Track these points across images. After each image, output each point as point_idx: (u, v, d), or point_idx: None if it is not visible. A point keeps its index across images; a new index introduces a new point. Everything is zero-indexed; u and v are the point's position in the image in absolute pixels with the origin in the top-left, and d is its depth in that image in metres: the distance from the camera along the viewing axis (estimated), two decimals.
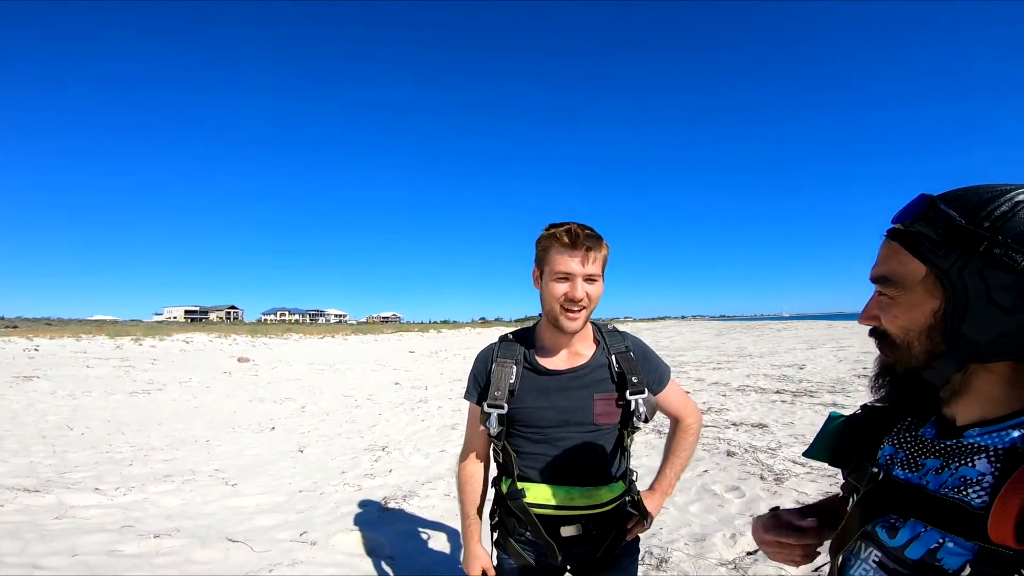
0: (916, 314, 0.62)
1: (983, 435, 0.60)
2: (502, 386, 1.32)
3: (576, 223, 1.28)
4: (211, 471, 4.57)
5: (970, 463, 0.59)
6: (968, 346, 0.59)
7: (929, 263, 0.60)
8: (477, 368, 1.43)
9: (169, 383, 10.46)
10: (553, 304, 1.28)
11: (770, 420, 6.06)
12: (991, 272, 0.56)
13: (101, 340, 21.09)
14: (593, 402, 1.33)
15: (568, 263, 1.25)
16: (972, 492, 0.57)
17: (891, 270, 0.64)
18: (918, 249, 0.61)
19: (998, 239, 0.56)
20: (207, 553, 2.91)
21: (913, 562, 0.60)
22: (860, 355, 13.48)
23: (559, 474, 1.33)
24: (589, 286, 1.27)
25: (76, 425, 6.32)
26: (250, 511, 3.62)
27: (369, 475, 4.46)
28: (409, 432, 6.19)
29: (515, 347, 1.39)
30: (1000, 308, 0.56)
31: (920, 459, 0.66)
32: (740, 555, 2.82)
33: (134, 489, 3.96)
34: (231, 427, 6.53)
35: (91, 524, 3.27)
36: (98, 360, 14.38)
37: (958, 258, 0.58)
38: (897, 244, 0.64)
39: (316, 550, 2.99)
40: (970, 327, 0.58)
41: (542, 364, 1.36)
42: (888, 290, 0.65)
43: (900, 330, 0.65)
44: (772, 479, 3.97)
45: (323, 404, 8.34)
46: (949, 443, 0.63)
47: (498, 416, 1.32)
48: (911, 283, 0.62)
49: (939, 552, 0.57)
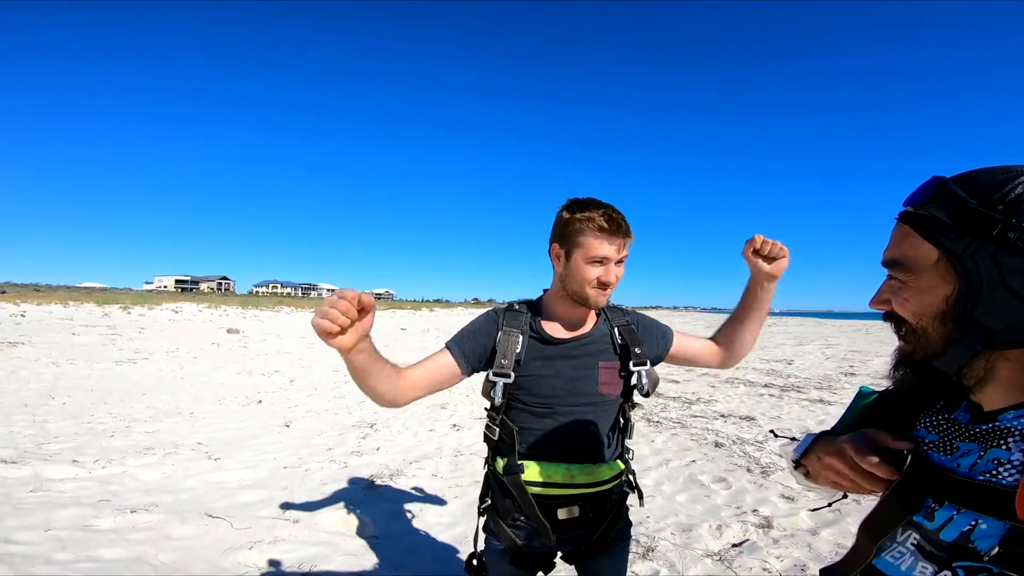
0: (928, 299, 0.61)
1: (1018, 418, 0.58)
2: (508, 355, 1.28)
3: (609, 206, 1.26)
4: (194, 444, 4.50)
5: (1004, 445, 0.57)
6: (982, 333, 0.57)
7: (941, 247, 0.58)
8: (480, 326, 1.35)
9: (156, 352, 10.35)
10: (583, 285, 1.26)
11: (758, 413, 6.09)
12: (1005, 257, 0.54)
13: (89, 307, 20.86)
14: (598, 370, 1.32)
15: (607, 248, 1.24)
16: (1004, 472, 0.56)
17: (902, 254, 0.63)
18: (930, 232, 0.59)
19: (1012, 222, 0.53)
20: (186, 529, 2.85)
21: (948, 544, 0.59)
22: (847, 354, 13.62)
23: (560, 450, 1.30)
24: (619, 269, 1.28)
25: (58, 394, 6.22)
26: (232, 486, 3.57)
27: (356, 452, 4.42)
28: (398, 410, 6.15)
29: (521, 317, 1.35)
30: (1015, 294, 0.54)
31: (955, 442, 0.64)
32: (725, 547, 2.81)
33: (113, 462, 3.89)
34: (217, 399, 6.46)
35: (66, 498, 3.20)
36: (84, 328, 14.21)
37: (971, 242, 0.56)
38: (908, 227, 0.62)
39: (299, 528, 2.94)
40: (984, 313, 0.56)
41: (549, 333, 1.34)
42: (899, 274, 0.63)
43: (912, 315, 0.63)
44: (759, 472, 3.97)
45: (312, 379, 8.28)
46: (985, 427, 0.61)
47: (504, 385, 1.28)
48: (923, 267, 0.61)
49: (972, 533, 0.56)
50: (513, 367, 1.28)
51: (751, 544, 2.82)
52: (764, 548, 2.77)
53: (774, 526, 3.03)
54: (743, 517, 3.16)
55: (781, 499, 3.43)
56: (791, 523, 3.07)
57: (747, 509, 3.29)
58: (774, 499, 3.44)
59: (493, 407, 1.32)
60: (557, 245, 1.31)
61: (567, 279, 1.29)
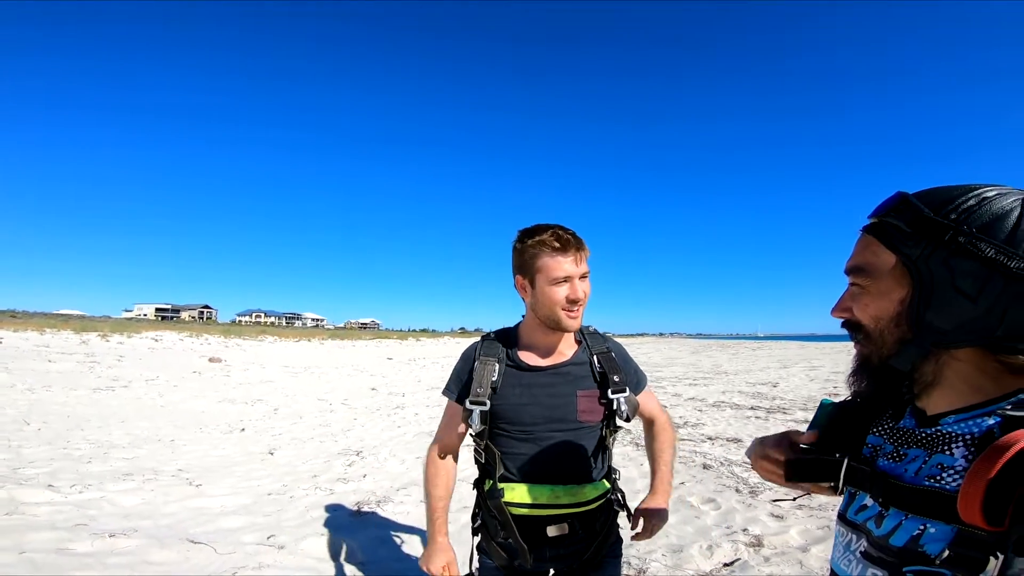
0: (885, 302, 0.64)
1: (958, 423, 0.61)
2: (484, 383, 1.32)
3: (557, 225, 1.30)
4: (174, 471, 4.38)
5: (947, 451, 0.60)
6: (932, 333, 0.61)
7: (899, 252, 0.62)
8: (460, 366, 1.43)
9: (135, 380, 10.09)
10: (554, 308, 1.29)
11: (745, 435, 6.11)
12: (956, 261, 0.58)
13: (66, 335, 20.30)
14: (576, 399, 1.33)
15: (564, 267, 1.27)
16: (948, 477, 0.58)
17: (864, 260, 0.67)
18: (890, 240, 0.64)
19: (964, 228, 0.58)
20: (165, 554, 2.76)
21: (898, 549, 0.61)
22: (831, 375, 13.77)
23: (543, 472, 1.31)
24: (584, 284, 1.30)
25: (33, 420, 6.02)
26: (214, 512, 3.47)
27: (342, 479, 4.34)
28: (385, 438, 6.06)
29: (497, 346, 1.39)
30: (964, 295, 0.58)
31: (902, 449, 0.67)
32: (717, 566, 2.80)
33: (91, 487, 3.77)
34: (198, 427, 6.30)
35: (41, 521, 3.08)
36: (61, 355, 13.81)
37: (925, 247, 0.60)
38: (871, 237, 0.67)
39: (284, 554, 2.87)
40: (935, 314, 0.60)
41: (525, 361, 1.36)
42: (860, 279, 0.67)
43: (871, 319, 0.66)
44: (747, 492, 3.98)
45: (296, 407, 8.13)
46: (928, 431, 0.64)
47: (480, 413, 1.30)
48: (881, 272, 0.64)
49: (922, 538, 0.58)
50: (489, 395, 1.31)
51: (742, 563, 2.82)
52: (755, 567, 2.77)
53: (764, 544, 3.03)
54: (733, 537, 3.15)
55: (770, 518, 3.44)
56: (781, 541, 3.07)
57: (737, 529, 3.28)
58: (763, 518, 3.44)
59: (475, 433, 1.35)
60: (520, 277, 1.35)
61: (537, 306, 1.32)
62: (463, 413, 1.33)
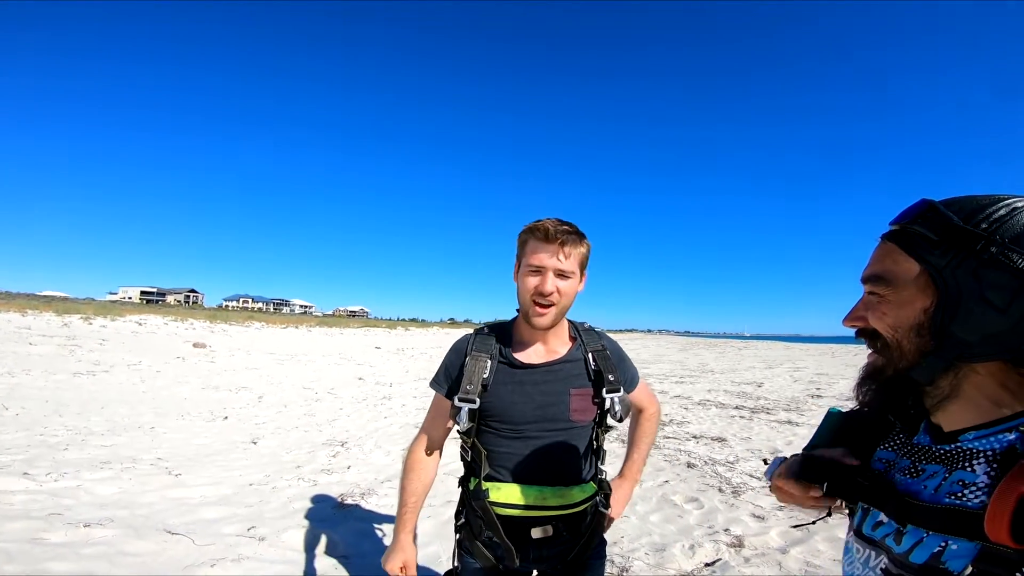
0: (906, 311, 0.62)
1: (978, 439, 0.59)
2: (475, 380, 1.28)
3: (556, 218, 1.27)
4: (153, 459, 4.31)
5: (968, 467, 0.59)
6: (956, 345, 0.59)
7: (924, 262, 0.60)
8: (450, 359, 1.38)
9: (117, 365, 9.93)
10: (525, 297, 1.26)
11: (729, 434, 6.17)
12: (986, 271, 0.56)
13: (48, 317, 19.93)
14: (569, 397, 1.31)
15: (540, 256, 1.23)
16: (970, 493, 0.57)
17: (885, 268, 0.64)
18: (915, 249, 0.61)
19: (995, 239, 0.56)
20: (142, 545, 2.72)
21: (918, 566, 0.59)
22: (815, 376, 13.97)
23: (531, 473, 1.29)
24: (561, 282, 1.25)
25: (11, 404, 5.90)
26: (194, 503, 3.42)
27: (326, 471, 4.30)
28: (370, 428, 6.03)
29: (490, 341, 1.35)
30: (993, 307, 0.56)
31: (920, 464, 0.65)
32: (698, 566, 2.82)
33: (67, 475, 3.70)
34: (180, 414, 6.22)
35: (15, 510, 3.02)
36: (42, 337, 13.56)
37: (953, 257, 0.58)
38: (893, 244, 0.64)
39: (264, 546, 2.84)
40: (960, 325, 0.58)
41: (517, 358, 1.32)
42: (879, 288, 0.65)
43: (888, 328, 0.64)
44: (730, 492, 4.01)
45: (281, 396, 8.06)
46: (947, 448, 0.62)
47: (469, 411, 1.27)
48: (903, 281, 0.62)
49: (943, 555, 0.57)
50: (479, 392, 1.27)
51: (723, 563, 2.84)
52: (736, 567, 2.79)
53: (745, 545, 3.05)
54: (715, 536, 3.17)
55: (752, 518, 3.47)
56: (762, 542, 3.10)
57: (719, 528, 3.31)
58: (745, 518, 3.47)
59: (462, 431, 1.31)
60: (516, 263, 1.32)
61: (518, 295, 1.30)
62: (451, 410, 1.30)
